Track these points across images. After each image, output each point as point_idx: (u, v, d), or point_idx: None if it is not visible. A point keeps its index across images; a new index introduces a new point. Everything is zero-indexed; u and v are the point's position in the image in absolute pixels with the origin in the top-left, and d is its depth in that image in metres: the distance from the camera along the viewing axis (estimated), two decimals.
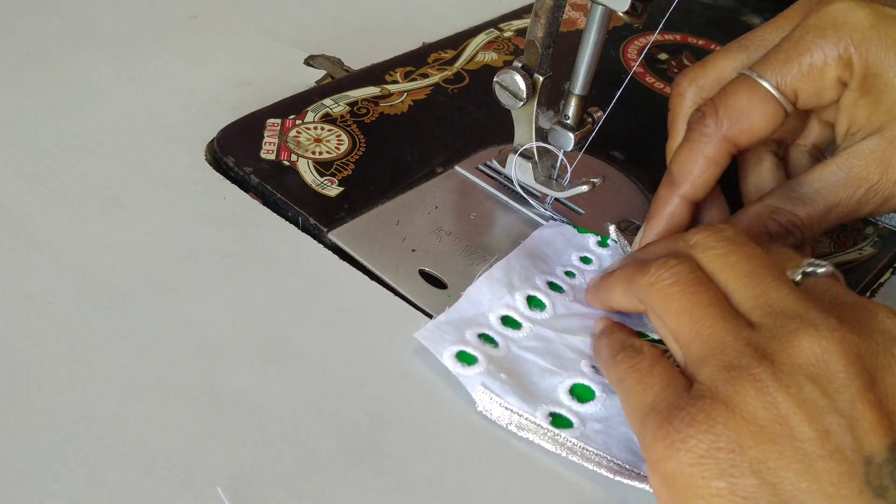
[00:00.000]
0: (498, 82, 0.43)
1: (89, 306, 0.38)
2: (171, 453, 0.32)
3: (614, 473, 0.33)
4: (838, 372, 0.28)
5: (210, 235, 0.42)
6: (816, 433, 0.28)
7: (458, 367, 0.36)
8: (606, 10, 0.39)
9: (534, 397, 0.35)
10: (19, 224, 0.41)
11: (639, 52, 0.62)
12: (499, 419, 0.35)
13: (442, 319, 0.38)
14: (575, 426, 0.35)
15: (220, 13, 0.59)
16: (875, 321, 0.30)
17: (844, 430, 0.28)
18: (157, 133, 0.48)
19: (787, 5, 0.42)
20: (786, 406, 0.28)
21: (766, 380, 0.29)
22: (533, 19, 0.41)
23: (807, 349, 0.29)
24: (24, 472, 0.31)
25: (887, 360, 0.29)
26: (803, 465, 0.27)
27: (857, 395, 0.28)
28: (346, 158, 0.47)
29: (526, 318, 0.39)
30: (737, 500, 0.28)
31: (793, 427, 0.28)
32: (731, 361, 0.30)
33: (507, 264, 0.41)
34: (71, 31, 0.55)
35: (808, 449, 0.28)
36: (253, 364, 0.36)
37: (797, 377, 0.29)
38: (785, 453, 0.28)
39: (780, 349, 0.29)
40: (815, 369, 0.29)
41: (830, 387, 0.28)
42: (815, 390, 0.28)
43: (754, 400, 0.29)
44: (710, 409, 0.29)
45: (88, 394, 0.34)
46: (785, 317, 0.30)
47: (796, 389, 0.28)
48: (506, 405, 0.35)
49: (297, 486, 0.32)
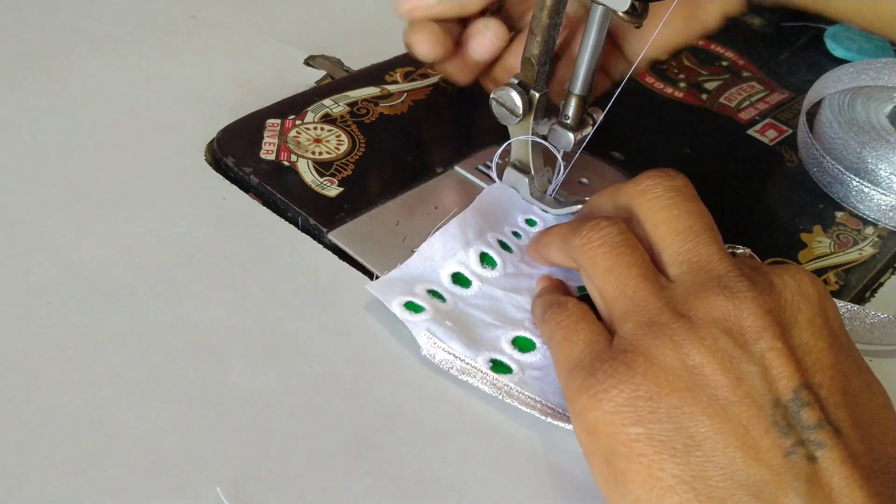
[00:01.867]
0: (495, 99, 0.43)
1: (89, 306, 0.38)
2: (171, 453, 0.32)
3: (546, 415, 0.35)
4: (750, 325, 0.30)
5: (210, 235, 0.42)
6: (729, 380, 0.29)
7: (406, 313, 0.37)
8: (607, 10, 0.39)
9: (477, 344, 0.37)
10: (19, 224, 0.41)
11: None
12: (442, 363, 0.36)
13: (394, 274, 0.39)
14: (514, 372, 0.36)
15: (220, 13, 0.59)
16: (782, 280, 0.32)
17: (756, 376, 0.30)
18: (157, 133, 0.48)
19: (787, 5, 0.42)
20: (700, 356, 0.30)
21: (682, 334, 0.31)
22: (529, 37, 0.41)
23: (721, 305, 0.31)
24: (24, 472, 0.31)
25: (795, 315, 0.31)
26: (716, 410, 0.29)
27: (768, 345, 0.30)
28: (345, 159, 0.47)
29: (477, 275, 0.40)
30: (654, 444, 0.29)
31: (707, 375, 0.30)
32: (652, 318, 0.32)
33: (462, 220, 0.42)
34: (71, 31, 0.55)
35: (720, 395, 0.29)
36: (253, 364, 0.36)
37: (712, 330, 0.30)
38: (699, 399, 0.29)
39: (697, 305, 0.31)
40: (729, 322, 0.31)
41: (742, 338, 0.30)
42: (728, 341, 0.30)
43: (671, 352, 0.30)
44: (630, 361, 0.31)
45: (88, 394, 0.34)
46: (706, 274, 0.32)
47: (711, 341, 0.30)
48: (449, 350, 0.36)
49: (297, 486, 0.32)
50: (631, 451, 0.30)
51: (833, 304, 0.33)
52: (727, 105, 0.58)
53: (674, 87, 0.59)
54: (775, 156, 0.54)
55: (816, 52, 0.66)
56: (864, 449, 0.29)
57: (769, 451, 0.28)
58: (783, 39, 0.67)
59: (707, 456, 0.29)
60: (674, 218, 0.34)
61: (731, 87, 0.60)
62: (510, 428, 0.35)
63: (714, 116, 0.57)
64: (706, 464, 0.29)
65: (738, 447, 0.29)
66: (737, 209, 0.49)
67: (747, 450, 0.28)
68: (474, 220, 0.42)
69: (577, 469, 0.34)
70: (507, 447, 0.35)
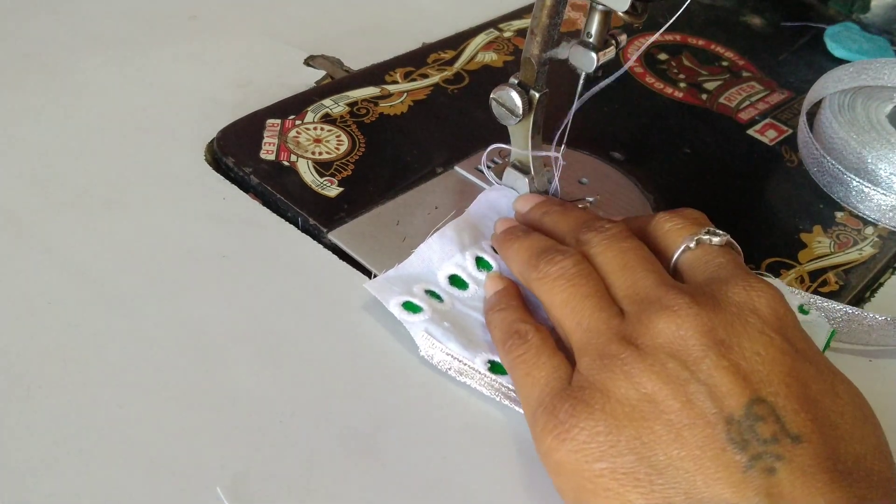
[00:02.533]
0: (494, 99, 0.43)
1: (89, 306, 0.38)
2: (171, 453, 0.32)
3: None
4: (694, 345, 0.31)
5: (210, 235, 0.42)
6: (681, 404, 0.30)
7: (404, 314, 0.37)
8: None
9: (474, 345, 0.37)
10: (19, 224, 0.41)
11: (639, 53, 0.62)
12: (440, 364, 0.36)
13: (392, 274, 0.39)
14: None
15: (220, 13, 0.59)
16: (727, 295, 0.33)
17: (705, 396, 0.30)
18: (157, 133, 0.48)
19: (787, 5, 0.42)
20: (651, 384, 0.30)
21: (632, 363, 0.31)
22: (529, 37, 0.41)
23: (664, 329, 0.31)
24: (24, 472, 0.31)
25: (738, 329, 0.31)
26: (672, 436, 0.29)
27: (714, 364, 0.30)
28: (345, 159, 0.47)
29: (473, 278, 0.40)
30: (618, 478, 0.30)
31: (659, 402, 0.30)
32: (603, 350, 0.32)
33: (458, 224, 0.42)
34: (71, 31, 0.55)
35: (674, 420, 0.30)
36: (253, 364, 0.36)
37: (659, 355, 0.31)
38: (655, 428, 0.30)
39: (642, 332, 0.32)
40: (674, 346, 0.31)
41: (689, 359, 0.31)
42: (676, 365, 0.31)
43: (624, 383, 0.31)
44: (588, 399, 0.31)
45: (88, 394, 0.34)
46: (647, 302, 0.33)
47: (659, 367, 0.31)
48: (447, 351, 0.37)
49: (297, 486, 0.32)
50: (597, 487, 0.30)
51: (790, 314, 0.33)
52: (727, 105, 0.58)
53: (674, 87, 0.59)
54: (775, 156, 0.54)
55: (816, 52, 0.66)
56: (828, 452, 0.29)
57: (727, 470, 0.28)
58: (783, 39, 0.67)
59: (669, 482, 0.29)
60: (610, 259, 0.35)
61: (731, 87, 0.60)
62: (509, 427, 0.35)
63: (714, 116, 0.57)
64: (668, 490, 0.29)
65: (697, 470, 0.29)
66: (737, 209, 0.49)
67: (705, 471, 0.29)
68: (469, 224, 0.42)
69: None
70: (506, 447, 0.35)
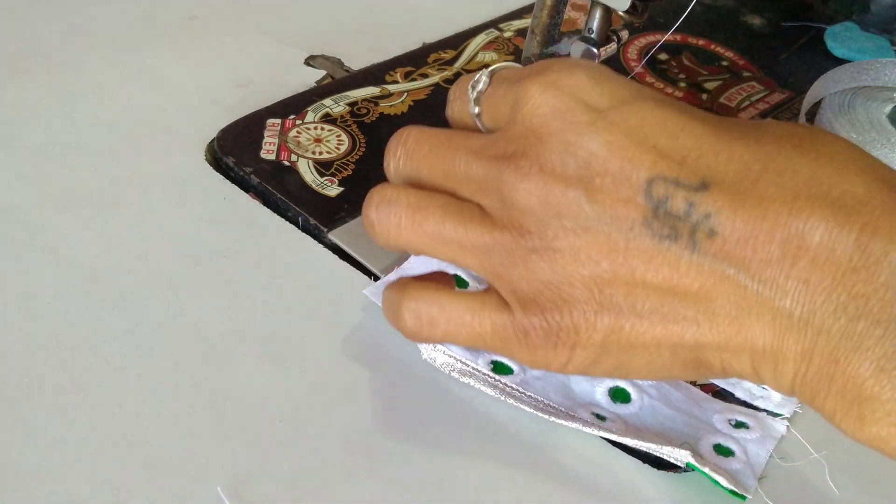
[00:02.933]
0: None
1: (89, 306, 0.37)
2: (171, 453, 0.32)
3: (549, 415, 0.35)
4: (559, 199, 0.29)
5: (210, 235, 0.42)
6: (600, 248, 0.29)
7: None
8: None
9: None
10: (19, 224, 0.41)
11: (639, 53, 0.62)
12: (442, 366, 0.36)
13: (392, 278, 0.39)
14: (515, 373, 0.36)
15: (220, 13, 0.59)
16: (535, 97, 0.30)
17: (610, 228, 0.29)
18: (157, 133, 0.48)
19: (787, 5, 0.42)
20: (559, 258, 0.29)
21: (506, 185, 0.30)
22: (529, 36, 0.41)
23: (528, 195, 0.30)
24: (24, 472, 0.31)
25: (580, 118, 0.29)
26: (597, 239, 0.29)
27: (589, 197, 0.29)
28: (346, 158, 0.47)
29: (474, 277, 0.40)
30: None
31: (584, 261, 0.29)
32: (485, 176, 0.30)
33: None
34: (71, 31, 0.55)
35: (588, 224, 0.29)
36: (253, 364, 0.36)
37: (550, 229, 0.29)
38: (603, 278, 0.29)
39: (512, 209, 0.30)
40: (543, 213, 0.29)
41: (566, 214, 0.29)
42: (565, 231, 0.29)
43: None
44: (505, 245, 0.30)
45: (88, 394, 0.34)
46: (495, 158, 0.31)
47: (552, 240, 0.29)
48: (449, 353, 0.36)
49: (297, 487, 0.32)
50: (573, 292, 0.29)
51: (605, 75, 0.31)
52: (727, 105, 0.58)
53: (674, 87, 0.59)
54: None
55: (816, 52, 0.66)
56: (751, 170, 0.28)
57: (679, 262, 0.28)
58: (783, 39, 0.67)
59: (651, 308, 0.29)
60: (419, 162, 0.33)
61: (731, 87, 0.60)
62: (513, 428, 0.35)
63: None
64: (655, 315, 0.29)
65: (662, 281, 0.28)
66: None
67: (668, 278, 0.28)
68: None
69: (582, 468, 0.34)
70: (510, 447, 0.35)
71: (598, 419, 0.35)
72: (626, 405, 0.36)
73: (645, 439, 0.34)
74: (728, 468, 0.34)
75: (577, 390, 0.37)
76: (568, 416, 0.35)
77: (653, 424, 0.36)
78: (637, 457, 0.35)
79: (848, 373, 0.26)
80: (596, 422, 0.35)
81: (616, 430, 0.34)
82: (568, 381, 0.37)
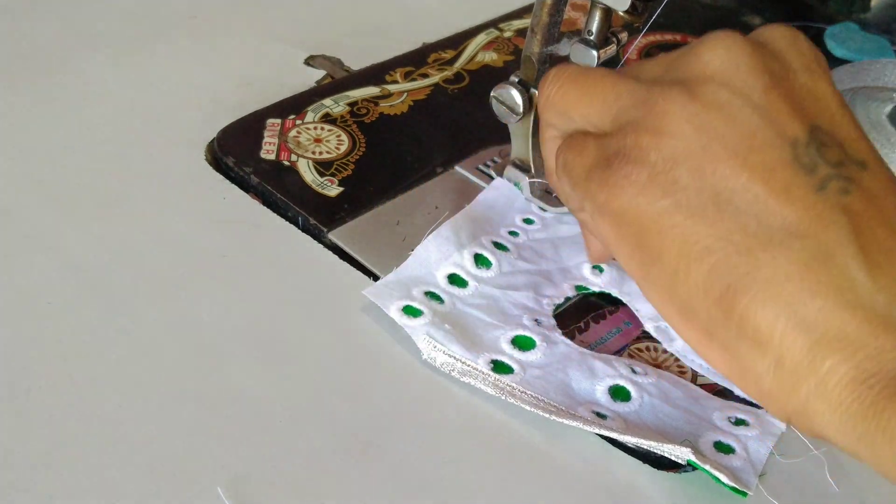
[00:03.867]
0: (495, 97, 0.43)
1: (89, 306, 0.38)
2: (171, 453, 0.32)
3: (549, 413, 0.35)
4: (744, 73, 0.30)
5: (210, 235, 0.42)
6: (741, 130, 0.29)
7: (405, 318, 0.37)
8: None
9: (477, 346, 0.37)
10: (19, 224, 0.41)
11: (638, 53, 0.62)
12: (443, 366, 0.36)
13: (390, 278, 0.39)
14: (515, 372, 0.36)
15: (220, 13, 0.59)
16: (769, 37, 0.32)
17: (765, 122, 0.29)
18: (157, 133, 0.48)
19: (787, 5, 0.42)
20: (705, 114, 0.29)
21: (681, 98, 0.30)
22: (529, 35, 0.41)
23: (712, 59, 0.30)
24: (24, 472, 0.31)
25: (787, 63, 0.31)
26: (737, 162, 0.29)
27: (768, 91, 0.30)
28: (346, 158, 0.47)
29: (472, 276, 0.40)
30: (682, 210, 0.29)
31: (717, 129, 0.29)
32: (645, 96, 0.31)
33: (455, 223, 0.42)
34: (71, 31, 0.55)
35: (737, 147, 0.29)
36: (253, 364, 0.36)
37: (709, 86, 0.30)
38: (718, 155, 0.29)
39: (687, 69, 0.31)
40: (723, 76, 0.30)
41: (740, 87, 0.30)
42: (728, 94, 0.30)
43: (675, 118, 0.30)
44: (638, 143, 0.30)
45: (88, 394, 0.34)
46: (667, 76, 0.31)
47: (711, 97, 0.30)
48: (449, 353, 0.36)
49: (297, 487, 0.32)
50: (662, 224, 0.29)
51: (823, 59, 0.32)
52: None
53: None
54: None
55: None
56: (892, 177, 0.29)
57: (801, 190, 0.28)
58: None
59: (738, 208, 0.28)
60: (572, 100, 0.34)
61: None
62: (514, 427, 0.35)
63: None
64: (739, 216, 0.28)
65: (768, 194, 0.28)
66: None
67: (778, 193, 0.28)
68: (466, 223, 0.42)
69: (583, 467, 0.34)
70: (511, 446, 0.35)
71: (599, 417, 0.35)
72: (626, 403, 0.36)
73: (646, 437, 0.34)
74: (729, 465, 0.34)
75: (577, 389, 0.37)
76: (568, 414, 0.35)
77: (653, 422, 0.36)
78: (637, 456, 0.35)
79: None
80: (596, 420, 0.35)
81: (616, 429, 0.34)
82: (568, 380, 0.37)
